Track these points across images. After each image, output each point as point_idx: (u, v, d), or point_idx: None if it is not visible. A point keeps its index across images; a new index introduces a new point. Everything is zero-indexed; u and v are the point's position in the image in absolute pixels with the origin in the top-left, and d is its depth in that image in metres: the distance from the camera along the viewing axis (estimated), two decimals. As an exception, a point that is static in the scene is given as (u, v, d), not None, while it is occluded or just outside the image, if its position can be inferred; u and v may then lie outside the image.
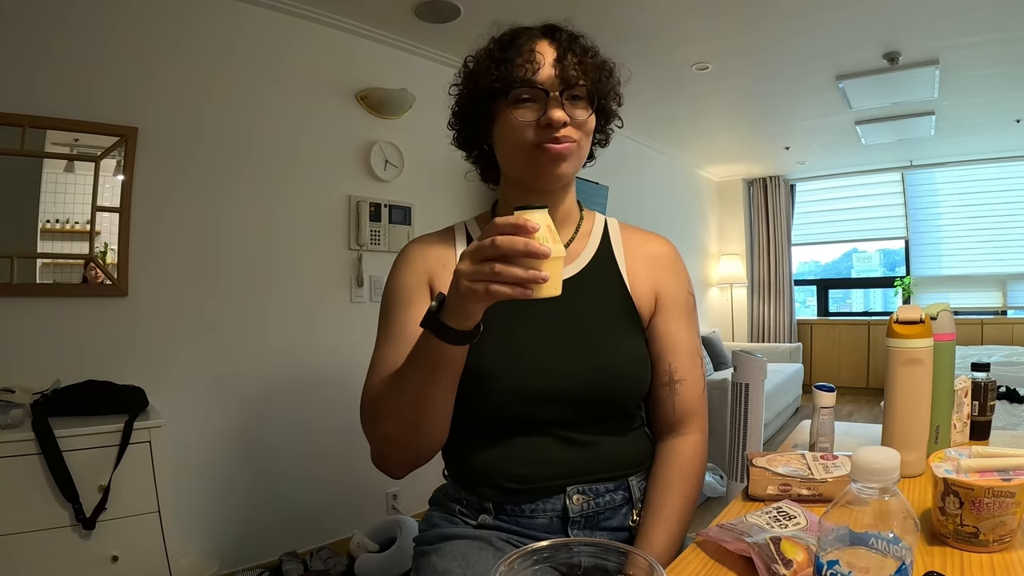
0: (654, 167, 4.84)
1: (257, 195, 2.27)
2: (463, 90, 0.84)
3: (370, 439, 0.79)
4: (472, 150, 0.89)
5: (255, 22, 2.27)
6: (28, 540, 1.43)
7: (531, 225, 0.57)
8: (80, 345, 1.85)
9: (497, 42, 0.80)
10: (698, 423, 0.86)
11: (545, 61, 0.76)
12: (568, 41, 0.79)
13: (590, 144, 0.84)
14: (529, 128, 0.76)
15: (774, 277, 5.89)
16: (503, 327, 0.80)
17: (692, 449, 0.84)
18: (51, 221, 1.82)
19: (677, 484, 0.81)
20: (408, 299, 0.83)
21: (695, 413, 0.85)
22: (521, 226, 0.57)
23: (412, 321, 0.79)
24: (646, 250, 0.90)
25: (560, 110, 0.75)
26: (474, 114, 0.82)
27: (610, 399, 0.82)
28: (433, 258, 0.86)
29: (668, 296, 0.87)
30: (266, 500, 2.25)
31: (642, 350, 0.85)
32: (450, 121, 0.88)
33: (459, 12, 2.44)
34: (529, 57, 0.76)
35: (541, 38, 0.79)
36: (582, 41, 0.81)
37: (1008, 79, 3.26)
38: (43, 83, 1.79)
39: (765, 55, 3.00)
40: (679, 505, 0.79)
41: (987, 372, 1.03)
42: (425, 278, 0.85)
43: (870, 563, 0.42)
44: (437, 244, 0.88)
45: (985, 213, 5.14)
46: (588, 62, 0.78)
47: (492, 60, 0.78)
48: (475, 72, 0.81)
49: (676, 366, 0.85)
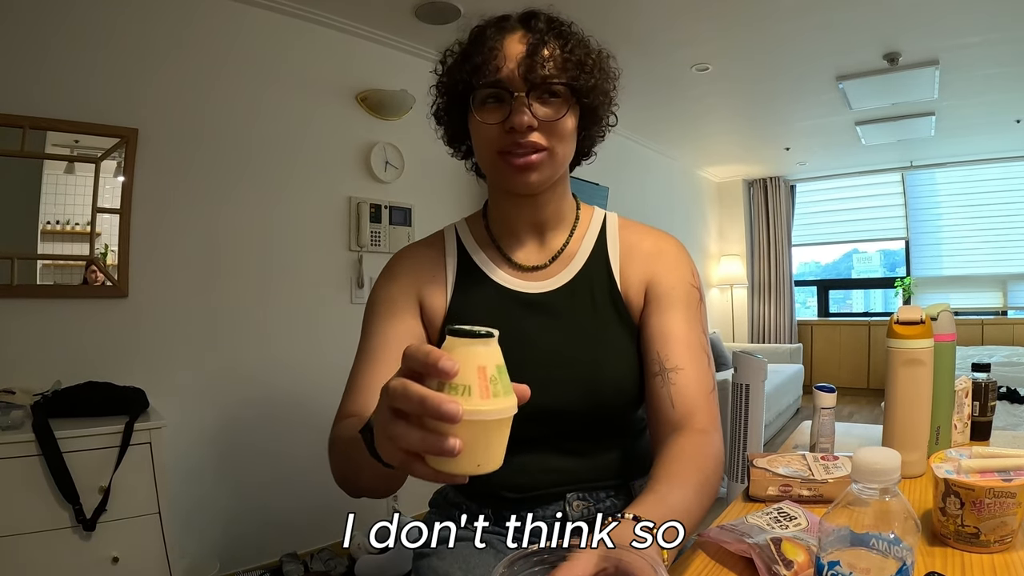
0: (654, 168, 4.84)
1: (257, 196, 2.27)
2: (438, 87, 0.78)
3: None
4: (459, 146, 0.83)
5: (255, 23, 2.27)
6: (28, 541, 1.43)
7: (444, 367, 0.39)
8: (80, 346, 1.85)
9: (469, 36, 0.74)
10: (706, 420, 0.72)
11: (511, 57, 0.69)
12: (544, 31, 0.71)
13: (573, 145, 0.76)
14: (494, 131, 0.70)
15: (774, 278, 5.89)
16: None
17: (703, 443, 0.69)
18: (51, 222, 1.82)
19: (688, 465, 0.65)
20: (391, 312, 0.79)
21: (700, 409, 0.72)
22: (431, 366, 0.39)
23: (394, 337, 0.77)
24: (644, 246, 0.82)
25: (524, 113, 0.68)
26: (451, 113, 0.77)
27: (602, 407, 0.77)
28: (421, 269, 0.82)
29: (660, 288, 0.79)
30: (266, 501, 2.24)
31: (629, 347, 0.79)
32: (434, 116, 0.81)
33: (459, 13, 2.44)
34: (492, 54, 0.69)
35: (513, 30, 0.72)
36: (563, 29, 0.73)
37: (1008, 79, 3.26)
38: (43, 84, 1.79)
39: (765, 56, 3.00)
40: (694, 479, 0.64)
41: (988, 372, 1.03)
42: (412, 291, 0.81)
43: (871, 564, 0.42)
44: (425, 253, 0.84)
45: (985, 213, 5.14)
46: (565, 56, 0.70)
47: (460, 56, 0.73)
48: (448, 69, 0.75)
49: (667, 354, 0.74)
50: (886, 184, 5.51)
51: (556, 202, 0.81)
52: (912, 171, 5.35)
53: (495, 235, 0.83)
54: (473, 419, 0.39)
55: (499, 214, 0.83)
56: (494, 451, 0.42)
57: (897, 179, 5.45)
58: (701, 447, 0.68)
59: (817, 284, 6.19)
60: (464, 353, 0.40)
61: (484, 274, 0.81)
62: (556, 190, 0.80)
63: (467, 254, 0.83)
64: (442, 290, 0.81)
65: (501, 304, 0.79)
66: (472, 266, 0.82)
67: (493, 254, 0.82)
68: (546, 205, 0.80)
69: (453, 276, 0.81)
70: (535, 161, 0.71)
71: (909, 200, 5.43)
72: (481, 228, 0.85)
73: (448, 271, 0.82)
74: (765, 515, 0.64)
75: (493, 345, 0.42)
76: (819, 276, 6.26)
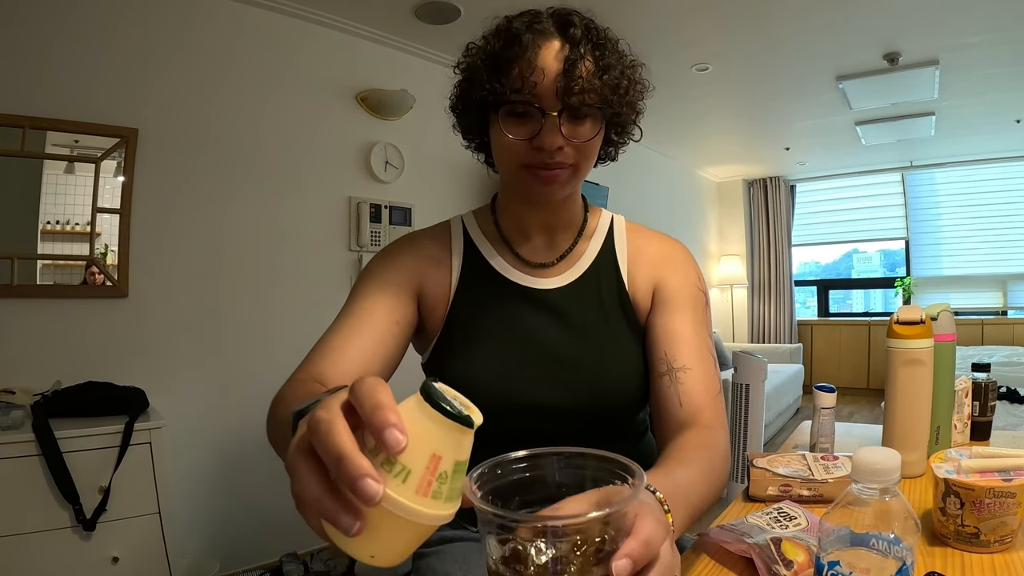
0: (654, 168, 4.84)
1: (257, 196, 2.27)
2: (461, 82, 0.74)
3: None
4: (472, 139, 0.81)
5: (255, 23, 2.27)
6: (28, 541, 1.43)
7: (387, 439, 0.30)
8: (80, 346, 1.85)
9: (499, 35, 0.69)
10: (712, 418, 0.71)
11: (547, 72, 0.65)
12: (582, 40, 0.67)
13: (594, 159, 0.75)
14: (520, 145, 0.69)
15: (774, 278, 5.89)
16: (492, 338, 0.76)
17: (710, 436, 0.68)
18: (51, 222, 1.82)
19: (695, 452, 0.63)
20: (386, 284, 0.77)
21: (708, 408, 0.71)
22: (374, 427, 0.31)
23: (383, 308, 0.75)
24: (651, 249, 0.83)
25: (555, 134, 0.67)
26: (470, 111, 0.75)
27: (605, 408, 0.77)
28: (426, 255, 0.81)
29: (667, 290, 0.79)
30: (267, 501, 2.24)
31: (635, 349, 0.79)
32: (450, 104, 0.79)
33: (459, 13, 2.44)
34: (529, 67, 0.65)
35: (549, 37, 0.67)
36: (599, 39, 0.69)
37: (1008, 79, 3.26)
38: (43, 84, 1.79)
39: (765, 56, 3.00)
40: (700, 463, 0.62)
41: (987, 372, 1.03)
42: (413, 274, 0.79)
43: (871, 564, 0.42)
44: (431, 240, 0.83)
45: (985, 213, 5.14)
46: (602, 75, 0.68)
47: (489, 59, 0.68)
48: (471, 67, 0.71)
49: (674, 355, 0.74)
50: (886, 184, 5.51)
51: (568, 205, 0.81)
52: (912, 171, 5.35)
53: (504, 231, 0.83)
54: (392, 511, 0.30)
55: (509, 212, 0.82)
56: (399, 549, 0.33)
57: (897, 179, 5.44)
58: (708, 439, 0.67)
59: (817, 284, 6.19)
60: (424, 428, 0.31)
61: (491, 267, 0.80)
62: (569, 195, 0.80)
63: (474, 246, 0.82)
64: (446, 279, 0.80)
65: (506, 297, 0.79)
66: (479, 258, 0.81)
67: (501, 248, 0.82)
68: (558, 209, 0.80)
69: (459, 266, 0.81)
70: (560, 176, 0.71)
71: (909, 200, 5.43)
72: (489, 223, 0.84)
73: (454, 261, 0.81)
74: (765, 515, 0.64)
75: (467, 437, 0.33)
76: (819, 276, 6.26)
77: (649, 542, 0.36)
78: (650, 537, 0.36)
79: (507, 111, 0.68)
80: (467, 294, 0.79)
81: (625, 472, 0.40)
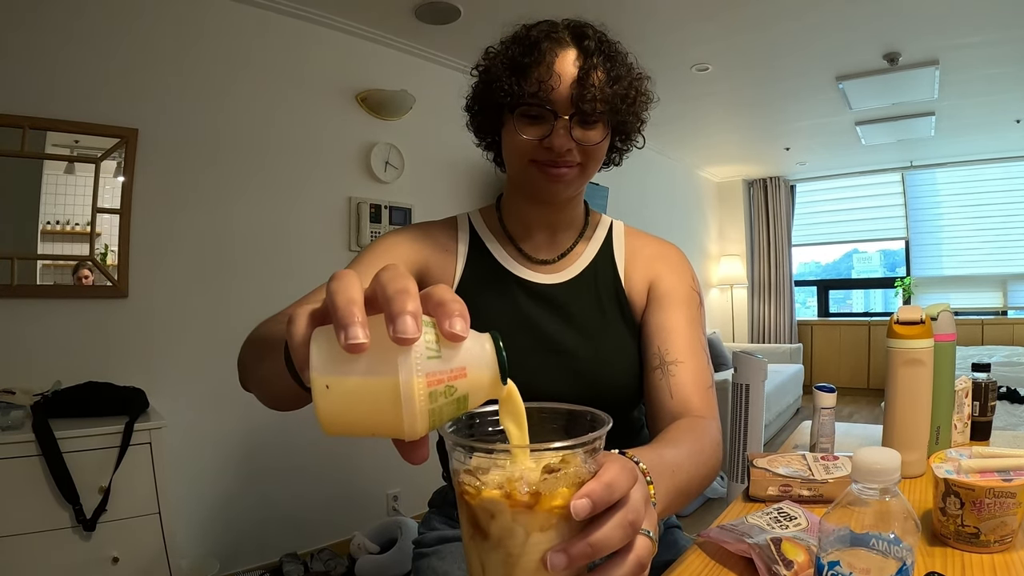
0: (654, 168, 4.84)
1: (257, 196, 2.27)
2: (478, 83, 0.79)
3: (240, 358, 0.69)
4: (484, 137, 0.85)
5: (255, 24, 2.27)
6: (28, 541, 1.43)
7: (403, 328, 0.30)
8: (80, 346, 1.85)
9: (518, 41, 0.74)
10: (704, 409, 0.73)
11: (564, 78, 0.70)
12: (595, 52, 0.72)
13: (600, 163, 0.79)
14: (531, 145, 0.73)
15: (774, 278, 5.89)
16: (493, 324, 0.76)
17: (701, 424, 0.70)
18: (51, 222, 1.82)
19: (685, 435, 0.65)
20: (387, 256, 0.79)
21: (698, 399, 0.74)
22: (443, 306, 0.33)
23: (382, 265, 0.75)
24: (648, 250, 0.87)
25: (565, 137, 0.71)
26: (486, 110, 0.79)
27: (600, 401, 0.76)
28: (432, 242, 0.84)
29: (662, 288, 0.83)
30: (266, 501, 2.24)
31: (630, 344, 0.82)
32: (466, 104, 0.83)
33: (459, 13, 2.44)
34: (548, 73, 0.70)
35: (566, 47, 0.72)
36: (611, 52, 0.74)
37: (1008, 79, 3.26)
38: (43, 84, 1.79)
39: (765, 56, 3.00)
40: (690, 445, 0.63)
41: (988, 372, 1.03)
42: (417, 258, 0.81)
43: (871, 564, 0.42)
44: (438, 230, 0.86)
45: (985, 213, 5.14)
46: (613, 85, 0.72)
47: (508, 63, 0.73)
48: (490, 70, 0.76)
49: (667, 348, 0.77)
50: (886, 184, 5.51)
51: (571, 206, 0.85)
52: (912, 171, 5.35)
53: (508, 228, 0.86)
54: (396, 363, 0.30)
55: (514, 210, 0.86)
56: (353, 406, 0.31)
57: (897, 179, 5.45)
58: (698, 424, 0.69)
59: (817, 284, 6.19)
60: (472, 348, 0.33)
61: (495, 259, 0.84)
62: (574, 196, 0.84)
63: (479, 239, 0.86)
64: (451, 266, 0.83)
65: (508, 288, 0.82)
66: (483, 250, 0.85)
67: (504, 243, 0.85)
68: (562, 209, 0.84)
69: (464, 256, 0.84)
70: (567, 175, 0.75)
71: (909, 200, 5.43)
72: (494, 219, 0.88)
73: (460, 248, 0.84)
74: (765, 515, 0.64)
75: (494, 384, 0.35)
76: (819, 276, 6.26)
77: (611, 484, 0.35)
78: (613, 480, 0.36)
79: (522, 112, 0.73)
80: (471, 281, 0.82)
81: (594, 420, 0.41)
